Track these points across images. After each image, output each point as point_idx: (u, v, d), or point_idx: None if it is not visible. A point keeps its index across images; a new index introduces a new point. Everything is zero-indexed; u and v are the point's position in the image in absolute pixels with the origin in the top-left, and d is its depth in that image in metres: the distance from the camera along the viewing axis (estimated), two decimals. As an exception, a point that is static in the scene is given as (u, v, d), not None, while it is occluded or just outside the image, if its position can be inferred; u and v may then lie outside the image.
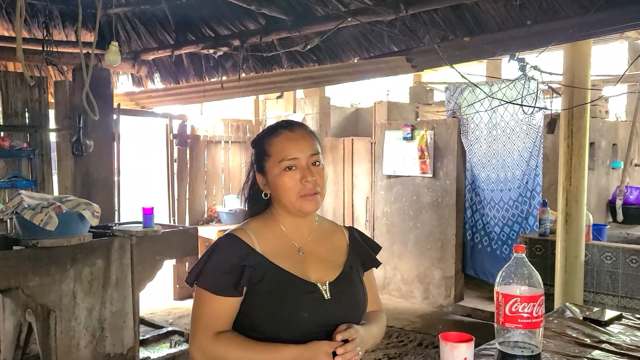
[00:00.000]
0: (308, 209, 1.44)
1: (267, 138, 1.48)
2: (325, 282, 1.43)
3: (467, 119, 5.62)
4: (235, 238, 1.42)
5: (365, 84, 6.74)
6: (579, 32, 3.22)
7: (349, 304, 1.45)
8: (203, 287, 1.39)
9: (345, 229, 1.62)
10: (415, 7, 3.64)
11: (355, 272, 1.52)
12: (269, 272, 1.39)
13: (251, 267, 1.37)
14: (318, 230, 1.53)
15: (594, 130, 5.71)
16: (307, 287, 1.40)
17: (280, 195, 1.44)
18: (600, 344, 1.86)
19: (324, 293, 1.41)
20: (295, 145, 1.44)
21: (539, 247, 4.13)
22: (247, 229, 1.46)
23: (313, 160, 1.44)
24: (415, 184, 5.93)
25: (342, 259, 1.52)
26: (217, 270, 1.37)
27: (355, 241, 1.59)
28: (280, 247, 1.45)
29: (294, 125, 1.49)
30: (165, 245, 4.10)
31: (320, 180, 1.44)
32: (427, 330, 5.07)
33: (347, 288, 1.46)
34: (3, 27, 4.98)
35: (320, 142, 1.51)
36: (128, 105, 6.12)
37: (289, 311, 1.36)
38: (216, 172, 6.97)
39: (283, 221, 1.48)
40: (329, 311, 1.39)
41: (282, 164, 1.43)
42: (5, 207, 3.45)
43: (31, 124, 4.75)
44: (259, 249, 1.41)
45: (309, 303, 1.38)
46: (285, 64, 4.81)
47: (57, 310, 3.42)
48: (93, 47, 3.75)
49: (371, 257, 1.62)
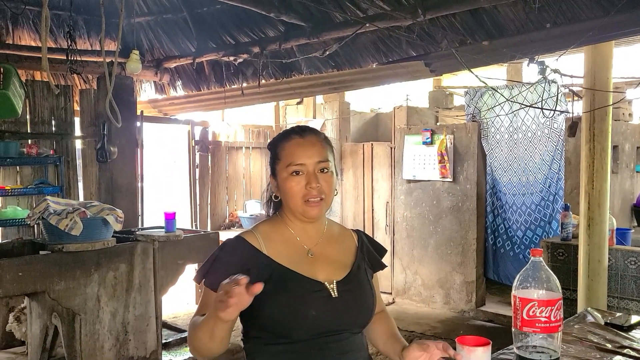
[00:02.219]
0: (311, 214, 1.46)
1: (280, 142, 1.51)
2: (332, 280, 1.44)
3: (487, 123, 5.58)
4: (242, 240, 1.45)
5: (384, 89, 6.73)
6: (599, 34, 3.19)
7: (356, 303, 1.46)
8: (208, 287, 1.42)
9: (354, 233, 1.64)
10: (433, 11, 3.64)
11: (363, 273, 1.53)
12: (275, 272, 1.41)
13: (256, 270, 1.39)
14: (327, 234, 1.55)
15: (617, 133, 5.62)
16: (314, 285, 1.42)
17: (286, 199, 1.47)
18: (622, 349, 1.84)
19: (332, 291, 1.42)
20: (303, 151, 1.46)
21: (561, 251, 4.08)
22: (255, 232, 1.48)
23: (320, 167, 1.46)
24: (435, 188, 5.91)
25: (350, 260, 1.54)
26: (222, 272, 1.38)
27: (364, 244, 1.61)
28: (288, 250, 1.47)
29: (306, 131, 1.51)
30: (187, 250, 4.16)
31: (327, 187, 1.46)
32: (448, 335, 5.03)
33: (355, 287, 1.47)
34: (30, 37, 5.12)
35: (332, 150, 1.53)
36: (151, 113, 6.22)
37: (297, 310, 1.38)
38: (237, 178, 7.03)
39: (292, 225, 1.51)
40: (336, 309, 1.41)
41: (289, 168, 1.45)
42: (32, 212, 3.54)
43: (57, 131, 4.86)
44: (265, 252, 1.44)
45: (316, 301, 1.39)
46: (305, 70, 4.85)
47: (82, 313, 3.48)
48: (116, 55, 3.83)
49: (378, 260, 1.64)
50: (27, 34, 5.09)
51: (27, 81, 4.77)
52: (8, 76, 3.93)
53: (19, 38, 5.07)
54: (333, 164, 1.50)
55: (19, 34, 5.07)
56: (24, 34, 5.09)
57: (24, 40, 5.09)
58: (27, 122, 4.78)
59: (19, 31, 5.06)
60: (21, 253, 3.61)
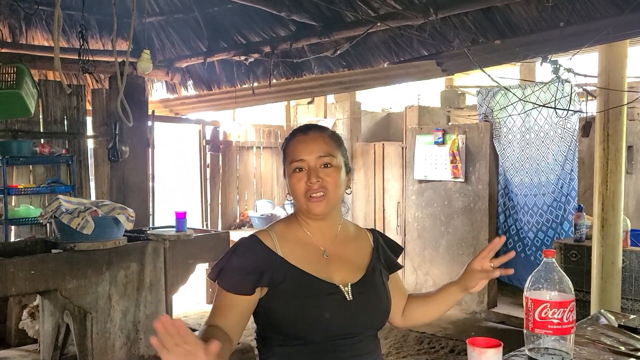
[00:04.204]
0: (315, 211, 1.43)
1: (287, 141, 1.51)
2: (347, 283, 1.43)
3: (499, 123, 5.54)
4: (257, 240, 1.44)
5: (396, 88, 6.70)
6: (614, 33, 3.15)
7: (371, 306, 1.44)
8: (222, 287, 1.40)
9: (369, 232, 1.62)
10: (445, 10, 3.62)
11: (378, 275, 1.51)
12: (289, 274, 1.40)
13: (270, 271, 1.38)
14: (342, 234, 1.54)
15: (633, 133, 5.56)
16: (328, 288, 1.40)
17: (293, 197, 1.47)
18: (636, 352, 1.81)
19: (346, 294, 1.41)
20: (304, 147, 1.45)
21: (574, 252, 4.04)
22: (270, 231, 1.47)
23: (322, 162, 1.44)
24: (446, 188, 5.87)
25: (365, 261, 1.52)
26: (236, 271, 1.39)
27: (379, 245, 1.59)
28: (303, 251, 1.45)
29: (311, 128, 1.51)
30: (198, 249, 4.16)
31: (330, 182, 1.43)
32: (459, 336, 5.00)
33: (370, 290, 1.46)
34: (43, 37, 5.16)
35: (341, 145, 1.51)
36: (162, 112, 6.25)
37: (311, 312, 1.36)
38: (248, 177, 7.04)
39: (306, 225, 1.49)
40: (351, 312, 1.39)
41: (292, 165, 1.45)
42: (44, 211, 3.56)
43: (70, 130, 4.90)
44: (280, 253, 1.42)
45: (331, 304, 1.38)
46: (315, 70, 4.84)
47: (93, 312, 3.50)
48: (127, 55, 3.84)
49: (394, 260, 1.62)
50: (40, 34, 5.14)
51: (40, 81, 4.82)
52: (21, 76, 3.97)
53: (32, 38, 5.12)
54: (341, 159, 1.48)
55: (32, 34, 5.11)
56: (37, 34, 5.13)
57: (37, 40, 5.13)
58: (40, 121, 4.82)
59: (32, 31, 5.10)
60: (33, 251, 3.64)
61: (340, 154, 1.48)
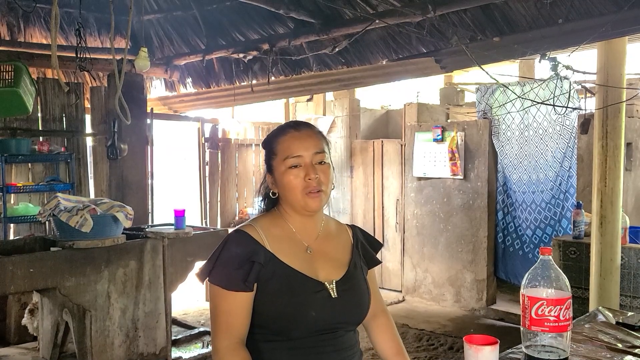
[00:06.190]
0: (312, 206, 1.45)
1: (275, 137, 1.51)
2: (332, 280, 1.45)
3: (498, 120, 5.54)
4: (244, 234, 1.44)
5: (395, 85, 6.70)
6: (612, 29, 3.15)
7: (354, 302, 1.47)
8: (215, 284, 1.41)
9: (349, 228, 1.64)
10: (443, 7, 3.61)
11: (359, 271, 1.53)
12: (278, 270, 1.41)
13: (260, 264, 1.39)
14: (325, 230, 1.55)
15: (632, 130, 5.55)
16: (315, 286, 1.42)
17: (286, 193, 1.46)
18: (634, 349, 1.81)
19: (331, 292, 1.43)
20: (300, 143, 1.46)
21: (573, 250, 4.05)
22: (255, 225, 1.47)
23: (318, 158, 1.46)
24: (445, 186, 5.87)
25: (347, 257, 1.54)
26: (227, 266, 1.40)
27: (359, 240, 1.61)
28: (288, 246, 1.46)
29: (301, 125, 1.52)
30: (197, 247, 4.17)
31: (325, 179, 1.45)
32: (458, 333, 5.01)
33: (353, 286, 1.48)
34: (42, 35, 5.15)
35: (328, 143, 1.53)
36: (161, 110, 6.24)
37: (298, 310, 1.38)
38: (247, 175, 7.04)
39: (291, 220, 1.50)
40: (335, 309, 1.42)
41: (287, 161, 1.45)
42: (43, 209, 3.56)
43: (68, 128, 4.89)
44: (267, 246, 1.43)
45: (317, 302, 1.40)
46: (314, 67, 4.84)
47: (92, 310, 3.51)
48: (125, 53, 3.84)
49: (373, 256, 1.63)
50: (38, 31, 5.13)
51: (38, 79, 4.81)
52: (19, 74, 3.97)
53: (30, 36, 5.11)
54: (329, 156, 1.50)
55: (30, 32, 5.10)
56: (35, 32, 5.13)
57: (35, 38, 5.13)
58: (39, 119, 4.82)
59: (30, 29, 5.09)
60: (32, 249, 3.64)
61: (328, 150, 1.51)
